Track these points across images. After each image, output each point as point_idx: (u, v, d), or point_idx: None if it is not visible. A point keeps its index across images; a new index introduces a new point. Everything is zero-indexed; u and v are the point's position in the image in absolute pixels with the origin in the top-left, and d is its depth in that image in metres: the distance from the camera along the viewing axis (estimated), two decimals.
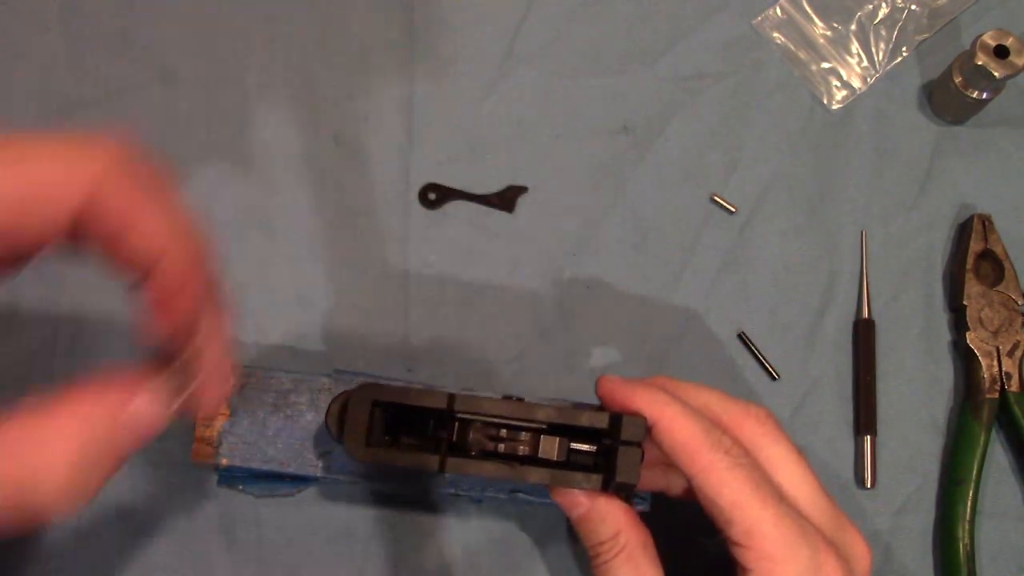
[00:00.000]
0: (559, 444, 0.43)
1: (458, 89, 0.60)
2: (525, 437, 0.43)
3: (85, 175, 0.30)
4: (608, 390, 0.43)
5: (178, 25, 0.60)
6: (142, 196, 0.32)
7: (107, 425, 0.30)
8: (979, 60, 0.56)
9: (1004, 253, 0.57)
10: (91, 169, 0.30)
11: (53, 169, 0.30)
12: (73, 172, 0.30)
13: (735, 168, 0.60)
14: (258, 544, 0.51)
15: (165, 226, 0.32)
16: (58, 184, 0.30)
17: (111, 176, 0.31)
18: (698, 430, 0.41)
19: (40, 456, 0.28)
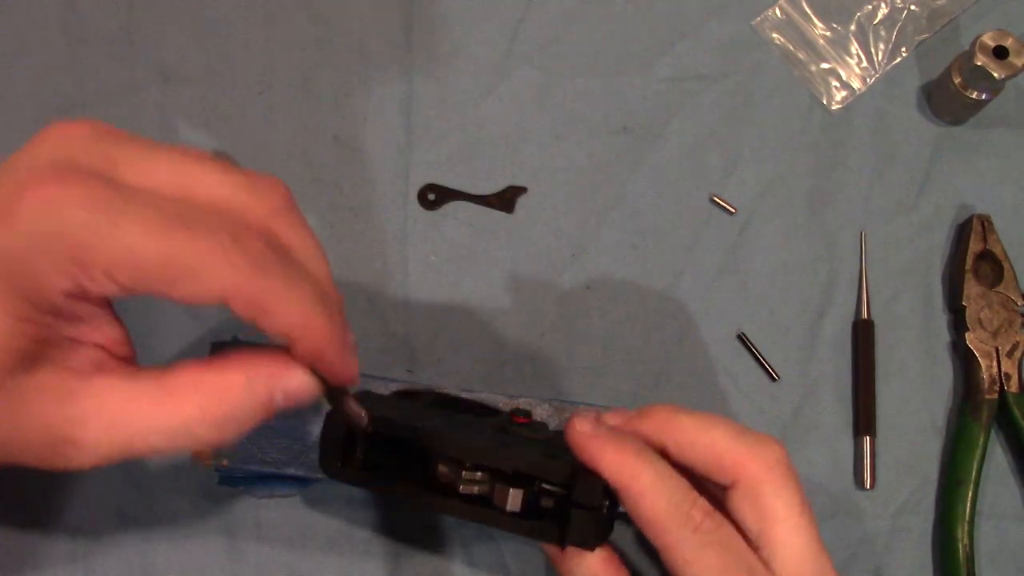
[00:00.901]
0: (523, 495, 0.41)
1: (457, 89, 0.60)
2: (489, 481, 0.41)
3: (216, 283, 0.32)
4: (575, 442, 0.40)
5: (178, 25, 0.60)
6: (269, 286, 0.33)
7: (270, 384, 0.35)
8: (978, 61, 0.56)
9: (1003, 254, 0.57)
10: (222, 275, 0.32)
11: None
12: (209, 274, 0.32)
13: (735, 168, 0.60)
14: (258, 544, 0.51)
15: (296, 310, 0.33)
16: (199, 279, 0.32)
17: (238, 277, 0.32)
18: (666, 505, 0.38)
19: (211, 395, 0.33)
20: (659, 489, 0.38)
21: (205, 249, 0.31)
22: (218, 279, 0.32)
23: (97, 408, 0.33)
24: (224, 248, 0.32)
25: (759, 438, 0.40)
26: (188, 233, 0.31)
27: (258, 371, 0.35)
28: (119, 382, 0.34)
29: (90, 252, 0.31)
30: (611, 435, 0.40)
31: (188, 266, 0.31)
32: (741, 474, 0.39)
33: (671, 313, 0.57)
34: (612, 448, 0.39)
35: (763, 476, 0.39)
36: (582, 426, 0.40)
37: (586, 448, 0.39)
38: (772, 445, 0.40)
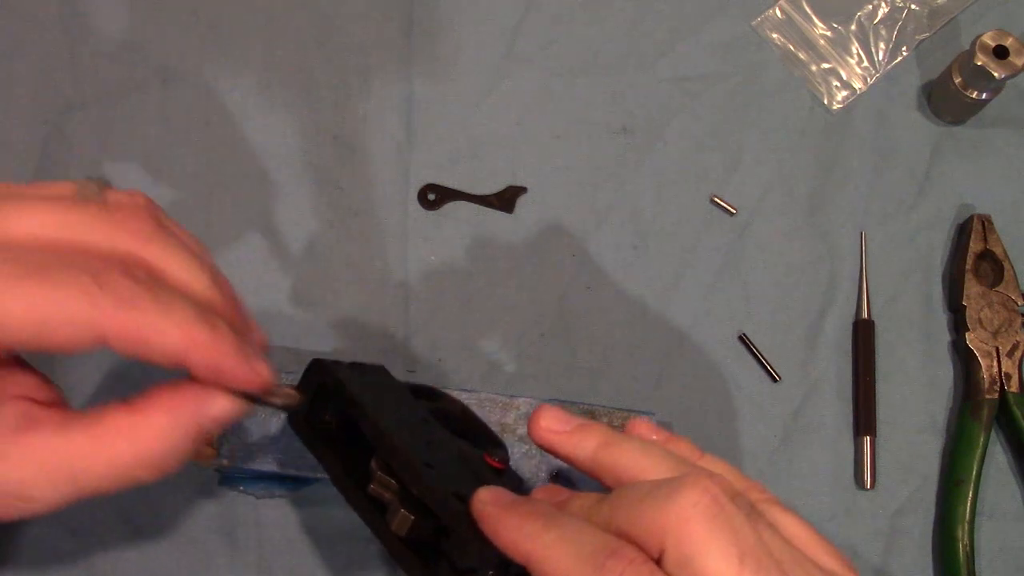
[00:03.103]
0: (411, 523, 0.37)
1: (457, 89, 0.60)
2: (396, 494, 0.38)
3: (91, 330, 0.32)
4: (474, 511, 0.35)
5: (178, 25, 0.60)
6: (140, 318, 0.32)
7: (193, 417, 0.35)
8: (979, 60, 0.56)
9: (1004, 254, 0.57)
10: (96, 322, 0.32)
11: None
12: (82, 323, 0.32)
13: (735, 169, 0.60)
14: (258, 544, 0.51)
15: (174, 335, 0.33)
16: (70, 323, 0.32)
17: (107, 318, 0.32)
18: (575, 560, 0.32)
19: (141, 441, 0.34)
20: (564, 544, 0.32)
21: (67, 296, 0.31)
22: (88, 324, 0.31)
23: (37, 464, 0.33)
24: (86, 292, 0.31)
25: (672, 490, 0.32)
26: (47, 284, 0.31)
27: (179, 406, 0.34)
28: (51, 436, 0.33)
29: None
30: (515, 503, 0.35)
31: (55, 317, 0.31)
32: (662, 541, 0.32)
33: (671, 313, 0.57)
34: (511, 517, 0.34)
35: (684, 534, 0.31)
36: (484, 495, 0.36)
37: (484, 519, 0.35)
38: (688, 491, 0.31)
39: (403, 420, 0.41)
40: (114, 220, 0.33)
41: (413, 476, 0.37)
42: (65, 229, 0.33)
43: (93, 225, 0.33)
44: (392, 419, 0.40)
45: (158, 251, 0.34)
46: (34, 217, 0.33)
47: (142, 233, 0.34)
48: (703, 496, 0.31)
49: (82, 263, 0.32)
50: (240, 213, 0.57)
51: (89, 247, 0.33)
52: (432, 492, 0.36)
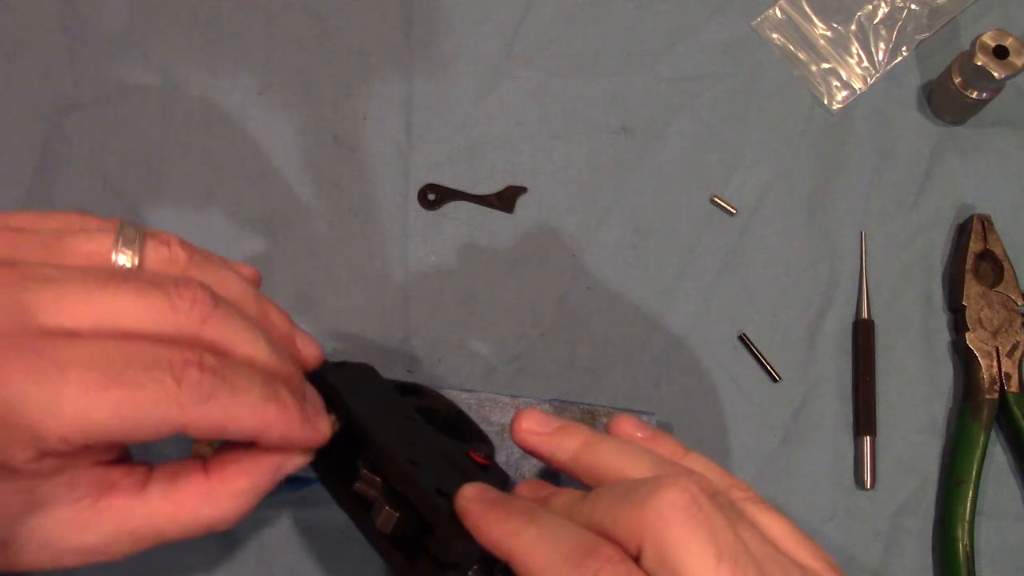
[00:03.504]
0: (395, 520, 0.37)
1: (457, 89, 0.60)
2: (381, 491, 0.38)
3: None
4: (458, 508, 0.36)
5: (178, 25, 0.60)
6: (218, 409, 0.33)
7: (270, 478, 0.37)
8: (979, 60, 0.56)
9: (1004, 254, 0.57)
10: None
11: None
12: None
13: (735, 169, 0.60)
14: (258, 544, 0.51)
15: (250, 419, 0.34)
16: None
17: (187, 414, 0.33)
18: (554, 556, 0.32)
19: (220, 505, 0.36)
20: (544, 542, 0.33)
21: (150, 400, 0.31)
22: (169, 421, 0.32)
23: (118, 528, 0.35)
24: (168, 393, 0.32)
25: (651, 490, 0.32)
26: (130, 387, 0.31)
27: (257, 471, 0.37)
28: (130, 501, 0.35)
29: (41, 426, 0.30)
30: (498, 500, 0.36)
31: (140, 419, 0.31)
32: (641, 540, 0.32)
33: (671, 313, 0.57)
34: (493, 514, 0.35)
35: (662, 533, 0.31)
36: (469, 491, 0.36)
37: (467, 516, 0.35)
38: (665, 492, 0.32)
39: (388, 418, 0.42)
40: (176, 305, 0.34)
41: (397, 473, 0.37)
42: (130, 316, 0.33)
43: (158, 312, 0.33)
44: (377, 417, 0.40)
45: (219, 329, 0.35)
46: (95, 302, 0.32)
47: (203, 316, 0.34)
48: (681, 495, 0.32)
49: (159, 361, 0.32)
50: (240, 213, 0.57)
51: (159, 336, 0.33)
52: (416, 489, 0.37)
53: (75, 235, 0.35)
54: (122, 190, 0.57)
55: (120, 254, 0.35)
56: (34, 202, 0.56)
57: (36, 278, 0.32)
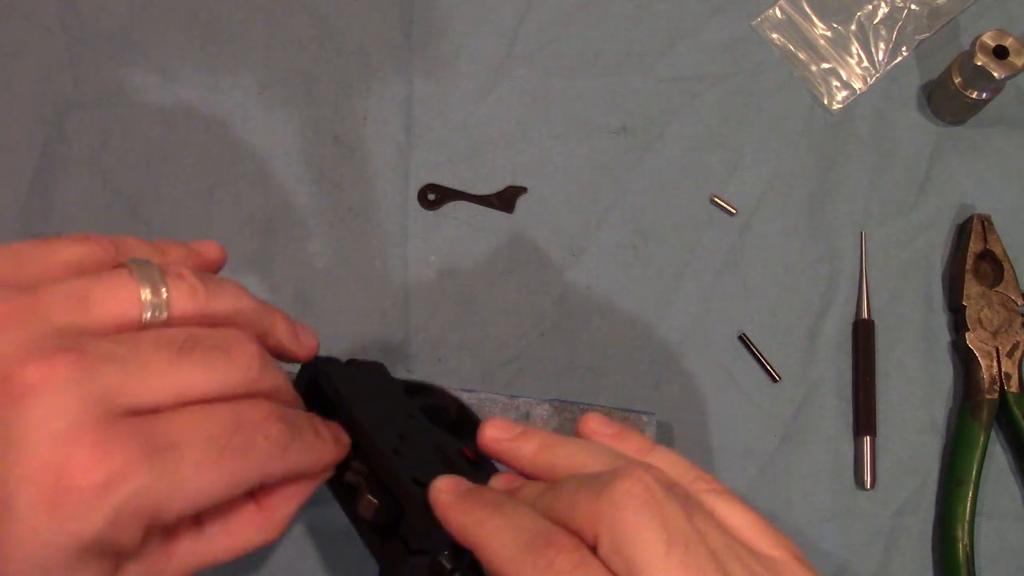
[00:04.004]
0: (376, 507, 0.39)
1: (457, 89, 0.60)
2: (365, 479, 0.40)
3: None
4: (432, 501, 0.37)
5: (178, 25, 0.60)
6: (293, 460, 0.37)
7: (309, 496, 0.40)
8: (979, 60, 0.56)
9: (1003, 253, 0.57)
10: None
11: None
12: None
13: (735, 169, 0.60)
14: None
15: (312, 462, 0.38)
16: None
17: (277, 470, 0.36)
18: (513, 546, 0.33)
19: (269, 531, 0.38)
20: (506, 531, 0.34)
21: (257, 460, 0.34)
22: (261, 477, 0.35)
23: (181, 564, 0.36)
24: (261, 452, 0.34)
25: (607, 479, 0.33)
26: (239, 454, 0.33)
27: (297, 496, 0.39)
28: (192, 542, 0.37)
29: (163, 511, 0.32)
30: (468, 492, 0.37)
31: (245, 481, 0.34)
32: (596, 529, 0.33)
33: (671, 313, 0.57)
34: (461, 504, 0.36)
35: (616, 521, 0.32)
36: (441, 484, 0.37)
37: (437, 507, 0.37)
38: (621, 481, 0.33)
39: (384, 413, 0.43)
40: (238, 367, 0.35)
41: (378, 461, 0.39)
42: (203, 388, 0.34)
43: (226, 378, 0.35)
44: (372, 411, 0.42)
45: (267, 378, 0.36)
46: (169, 377, 0.33)
47: (260, 367, 0.36)
48: (635, 485, 0.33)
49: (249, 423, 0.34)
50: (240, 213, 0.57)
51: (223, 395, 0.35)
52: (393, 476, 0.38)
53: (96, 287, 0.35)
54: (122, 190, 0.57)
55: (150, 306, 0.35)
56: (34, 202, 0.56)
57: (107, 360, 0.32)
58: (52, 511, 0.30)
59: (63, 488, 0.30)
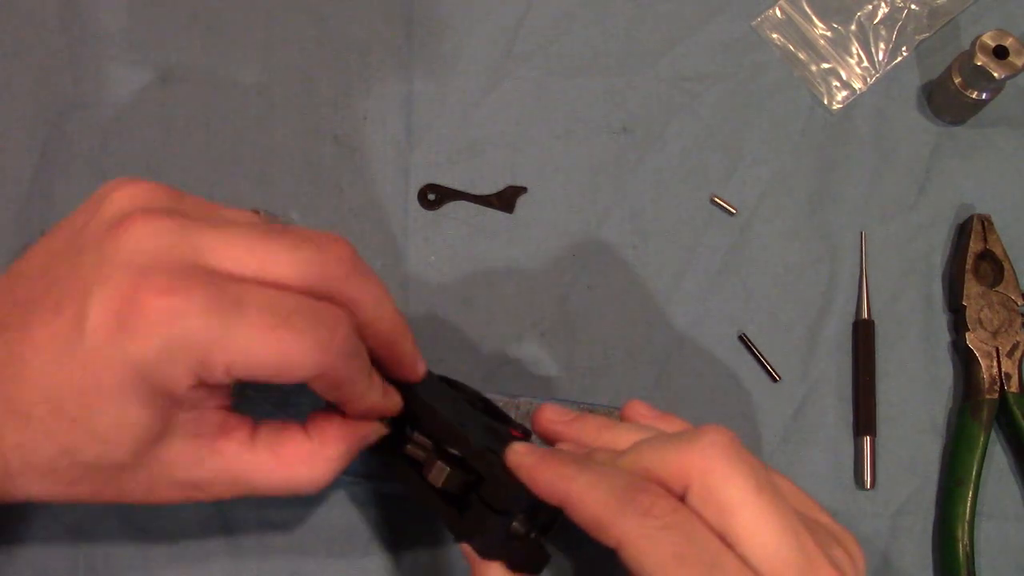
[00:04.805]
0: (447, 474, 0.41)
1: (457, 89, 0.60)
2: (430, 452, 0.42)
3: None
4: (512, 463, 0.39)
5: (178, 25, 0.60)
6: (352, 375, 0.38)
7: (359, 446, 0.42)
8: (979, 60, 0.56)
9: (1004, 253, 0.57)
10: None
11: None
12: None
13: (735, 169, 0.60)
14: (259, 544, 0.51)
15: (365, 404, 0.40)
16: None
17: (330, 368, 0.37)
18: (606, 496, 0.35)
19: (317, 467, 0.40)
20: (597, 484, 0.36)
21: (310, 346, 0.35)
22: (316, 368, 0.36)
23: (223, 473, 0.39)
24: (325, 346, 0.35)
25: (693, 433, 0.36)
26: (294, 332, 0.35)
27: (351, 438, 0.41)
28: (239, 451, 0.39)
29: (212, 357, 0.34)
30: (548, 453, 0.39)
31: (294, 361, 0.35)
32: (687, 479, 0.35)
33: (671, 313, 0.57)
34: (546, 464, 0.38)
35: (707, 469, 0.35)
36: (519, 447, 0.39)
37: (521, 468, 0.39)
38: (706, 434, 0.36)
39: (437, 395, 0.45)
40: (325, 261, 0.37)
41: (451, 434, 0.41)
42: (284, 265, 0.36)
43: (309, 265, 0.37)
44: (428, 392, 0.44)
45: (355, 285, 0.38)
46: (256, 249, 0.36)
47: (347, 272, 0.38)
48: (722, 437, 0.36)
49: (318, 314, 0.36)
50: None
51: (314, 289, 0.37)
52: (469, 445, 0.40)
53: (226, 208, 0.40)
54: None
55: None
56: (34, 202, 0.56)
57: (207, 224, 0.36)
58: (115, 329, 0.33)
59: (130, 310, 0.33)
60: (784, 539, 0.34)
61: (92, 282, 0.34)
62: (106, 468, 0.37)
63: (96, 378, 0.34)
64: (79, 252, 0.36)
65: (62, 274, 0.36)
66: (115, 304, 0.34)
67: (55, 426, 0.35)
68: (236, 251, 0.36)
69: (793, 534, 0.35)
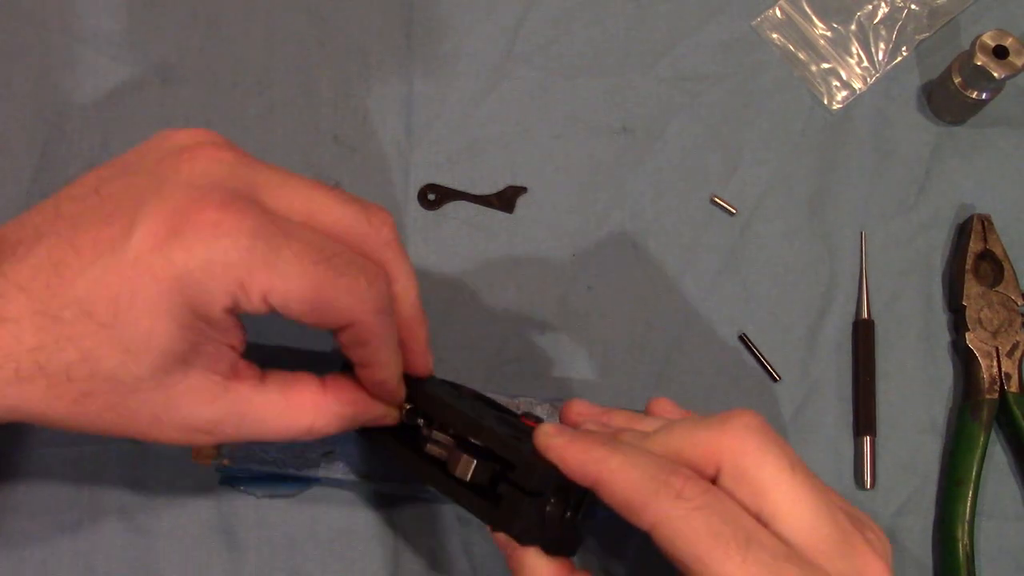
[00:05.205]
0: (475, 466, 0.41)
1: (457, 89, 0.60)
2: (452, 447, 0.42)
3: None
4: (542, 445, 0.39)
5: (178, 25, 0.60)
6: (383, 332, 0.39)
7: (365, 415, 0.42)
8: (978, 60, 0.56)
9: (1004, 253, 0.57)
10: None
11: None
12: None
13: (735, 169, 0.60)
14: (258, 544, 0.51)
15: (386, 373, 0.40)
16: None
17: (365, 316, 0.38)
18: (639, 479, 0.35)
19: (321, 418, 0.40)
20: (629, 466, 0.36)
21: (346, 288, 0.36)
22: (349, 313, 0.36)
23: (232, 412, 0.38)
24: (361, 293, 0.36)
25: (723, 416, 0.37)
26: (334, 272, 0.35)
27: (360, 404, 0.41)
28: (250, 392, 0.39)
29: (253, 279, 0.34)
30: (577, 434, 0.39)
31: (330, 300, 0.35)
32: (718, 460, 0.36)
33: (671, 313, 0.57)
34: (576, 445, 0.38)
35: (739, 450, 0.36)
36: (547, 428, 0.40)
37: (551, 449, 0.39)
38: (738, 416, 0.37)
39: (446, 392, 0.45)
40: (371, 220, 0.39)
41: (473, 428, 0.41)
42: (333, 215, 0.38)
43: (356, 220, 0.38)
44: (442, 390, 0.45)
45: (392, 255, 0.40)
46: (309, 196, 0.37)
47: (388, 240, 0.39)
48: (754, 419, 0.37)
49: (358, 263, 0.37)
50: None
51: (356, 244, 0.38)
52: (495, 436, 0.40)
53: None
54: None
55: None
56: (34, 202, 0.56)
57: (263, 166, 0.38)
58: (164, 238, 0.34)
59: (181, 221, 0.34)
60: (820, 516, 0.35)
61: (147, 197, 0.35)
62: (122, 383, 0.35)
63: (134, 285, 0.34)
64: (135, 174, 0.37)
65: (115, 191, 0.36)
66: (167, 215, 0.34)
67: (81, 329, 0.34)
68: (291, 193, 0.37)
69: (828, 512, 0.36)
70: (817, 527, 0.35)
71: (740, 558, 0.33)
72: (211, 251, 0.34)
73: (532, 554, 0.39)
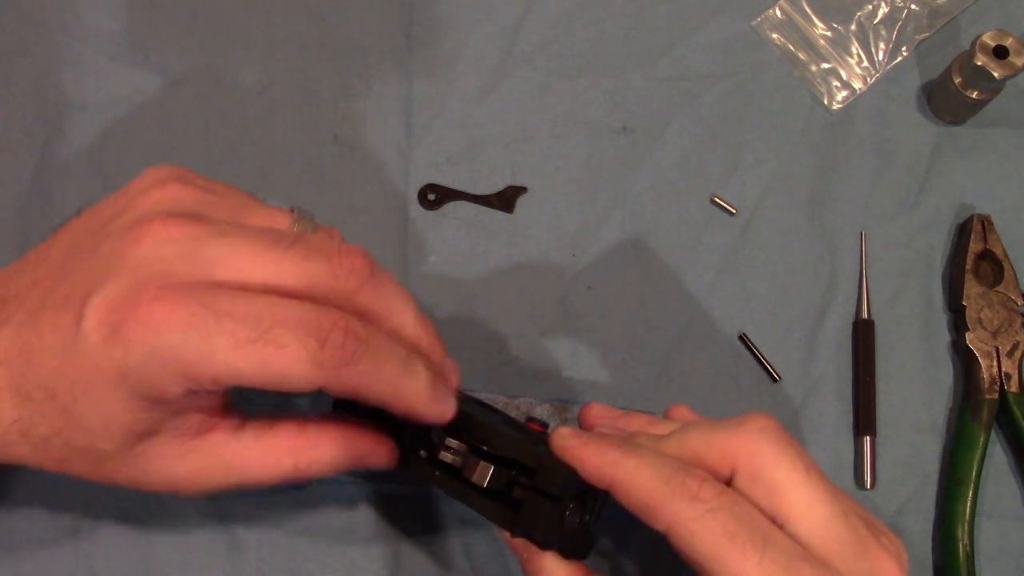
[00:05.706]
0: (491, 472, 0.40)
1: (457, 89, 0.60)
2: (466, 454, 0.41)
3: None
4: (558, 447, 0.39)
5: (178, 25, 0.60)
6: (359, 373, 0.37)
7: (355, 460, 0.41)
8: (978, 60, 0.56)
9: (1004, 253, 0.57)
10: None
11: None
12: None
13: (735, 169, 0.60)
14: (258, 544, 0.51)
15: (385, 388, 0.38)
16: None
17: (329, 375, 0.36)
18: (655, 481, 0.36)
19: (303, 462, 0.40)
20: (645, 469, 0.36)
21: (293, 358, 0.35)
22: (308, 379, 0.35)
23: (208, 463, 0.39)
24: (311, 354, 0.35)
25: (739, 419, 0.38)
26: (274, 346, 0.35)
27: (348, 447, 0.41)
28: (226, 438, 0.39)
29: (194, 369, 0.35)
30: (593, 436, 0.39)
31: (279, 372, 0.35)
32: (734, 462, 0.37)
33: (671, 313, 0.57)
34: (592, 447, 0.38)
35: (754, 452, 0.36)
36: (563, 431, 0.40)
37: (567, 451, 0.39)
38: (753, 419, 0.37)
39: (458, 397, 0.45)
40: (335, 273, 0.38)
41: (488, 434, 0.41)
42: (293, 278, 0.37)
43: (318, 278, 0.37)
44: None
45: (372, 296, 0.38)
46: (265, 263, 0.37)
47: (360, 284, 0.38)
48: (769, 422, 0.37)
49: (308, 324, 0.35)
50: None
51: (328, 300, 0.37)
52: (511, 441, 0.40)
53: (258, 209, 0.41)
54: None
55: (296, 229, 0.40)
56: (34, 202, 0.56)
57: (218, 234, 0.37)
58: (105, 335, 0.35)
59: (121, 317, 0.35)
60: (835, 518, 0.36)
61: (97, 282, 0.36)
62: (93, 456, 0.38)
63: (87, 377, 0.35)
64: (99, 244, 0.38)
65: (78, 266, 0.37)
66: (108, 309, 0.35)
67: (49, 411, 0.37)
68: (242, 264, 0.36)
69: (843, 514, 0.36)
70: (832, 529, 0.36)
71: (757, 559, 0.34)
72: (149, 348, 0.34)
73: (551, 558, 0.40)
